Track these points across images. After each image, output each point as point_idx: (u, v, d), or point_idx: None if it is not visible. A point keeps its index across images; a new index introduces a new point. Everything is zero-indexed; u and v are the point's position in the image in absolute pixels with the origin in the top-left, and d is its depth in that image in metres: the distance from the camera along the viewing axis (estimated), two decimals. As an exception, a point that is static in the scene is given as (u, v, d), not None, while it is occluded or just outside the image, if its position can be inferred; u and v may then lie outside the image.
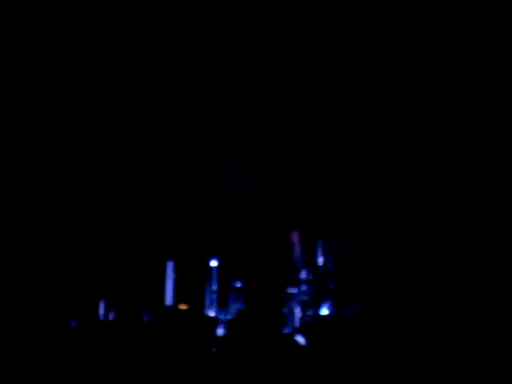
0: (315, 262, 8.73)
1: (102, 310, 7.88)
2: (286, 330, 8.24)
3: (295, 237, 8.94)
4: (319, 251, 8.71)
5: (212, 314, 8.60)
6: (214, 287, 8.84)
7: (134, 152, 8.64)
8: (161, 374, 3.84)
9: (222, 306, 8.89)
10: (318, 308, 8.47)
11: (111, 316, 7.76)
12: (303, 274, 8.60)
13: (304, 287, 8.56)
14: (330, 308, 8.45)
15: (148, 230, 8.92)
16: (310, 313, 8.45)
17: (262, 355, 4.01)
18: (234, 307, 8.87)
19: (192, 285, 9.24)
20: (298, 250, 8.90)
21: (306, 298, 8.54)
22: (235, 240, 9.10)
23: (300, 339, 7.91)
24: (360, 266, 8.61)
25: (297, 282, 8.62)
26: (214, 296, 8.83)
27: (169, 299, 8.97)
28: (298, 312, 8.44)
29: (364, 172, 8.98)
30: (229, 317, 8.66)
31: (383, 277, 8.39)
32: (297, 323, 8.37)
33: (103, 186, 8.39)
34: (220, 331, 7.73)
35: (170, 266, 9.05)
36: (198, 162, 9.26)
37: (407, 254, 8.36)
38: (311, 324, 8.26)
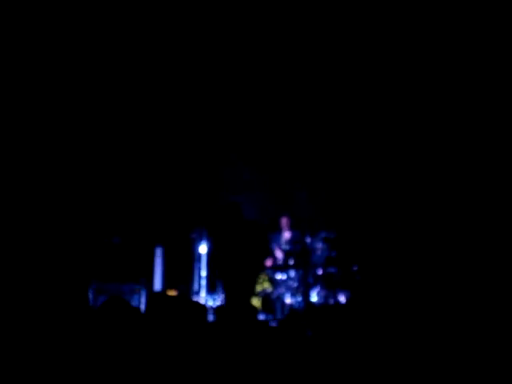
0: (305, 247, 8.71)
1: (91, 295, 7.83)
2: (276, 317, 8.23)
3: (285, 222, 8.91)
4: (309, 237, 8.68)
5: (201, 300, 8.58)
6: (204, 273, 8.81)
7: (120, 141, 8.58)
8: (152, 360, 3.80)
9: (211, 292, 8.88)
10: (307, 294, 8.45)
11: (101, 300, 7.71)
12: (291, 261, 8.57)
13: (293, 273, 8.54)
14: (319, 294, 8.43)
15: (137, 215, 8.87)
16: (299, 299, 8.43)
17: (252, 342, 3.98)
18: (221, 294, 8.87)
19: (181, 271, 9.20)
20: (287, 235, 8.87)
21: (295, 284, 8.52)
22: (224, 226, 9.07)
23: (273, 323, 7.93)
24: (351, 252, 8.60)
25: (286, 268, 8.60)
26: (204, 282, 8.81)
27: (157, 285, 8.94)
28: (287, 298, 8.43)
29: (355, 158, 8.97)
30: (217, 303, 8.64)
31: (374, 262, 8.39)
32: (286, 309, 8.35)
33: (91, 172, 8.33)
34: (209, 317, 7.71)
35: (158, 251, 9.01)
36: (188, 151, 9.22)
37: (399, 241, 8.36)
38: (301, 310, 8.25)
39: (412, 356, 4.04)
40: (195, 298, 8.62)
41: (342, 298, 8.34)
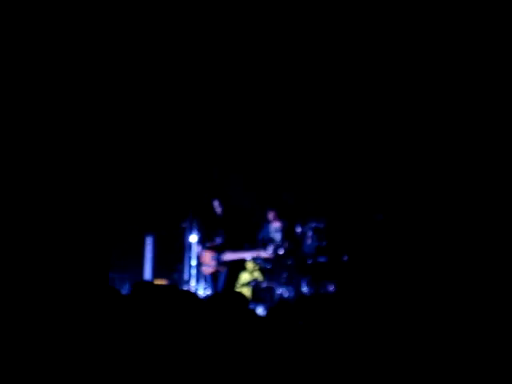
0: (295, 237, 8.71)
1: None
2: (266, 306, 8.23)
3: (272, 215, 8.91)
4: (299, 226, 8.69)
5: (191, 289, 8.58)
6: (194, 263, 8.82)
7: (111, 133, 8.56)
8: (143, 350, 3.79)
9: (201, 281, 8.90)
10: (297, 284, 8.46)
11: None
12: (281, 251, 8.57)
13: (283, 263, 8.55)
14: (309, 284, 8.45)
15: (127, 204, 8.85)
16: (289, 289, 8.44)
17: (245, 331, 3.97)
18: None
19: (171, 260, 9.20)
20: (277, 225, 8.86)
21: (285, 273, 8.53)
22: (214, 216, 9.08)
23: (260, 311, 7.95)
24: (341, 241, 8.61)
25: (276, 258, 8.61)
26: (194, 271, 8.81)
27: (147, 274, 8.94)
28: (277, 288, 8.44)
29: (344, 148, 8.98)
30: (208, 293, 8.65)
31: (364, 253, 8.41)
32: (276, 299, 8.36)
33: (83, 162, 8.30)
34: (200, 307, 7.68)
35: (149, 240, 9.01)
36: (179, 141, 9.21)
37: (388, 230, 8.38)
38: (291, 300, 8.26)
39: (405, 346, 4.04)
40: (185, 287, 8.62)
41: (332, 288, 8.36)
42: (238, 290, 8.47)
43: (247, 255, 8.69)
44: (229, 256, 8.74)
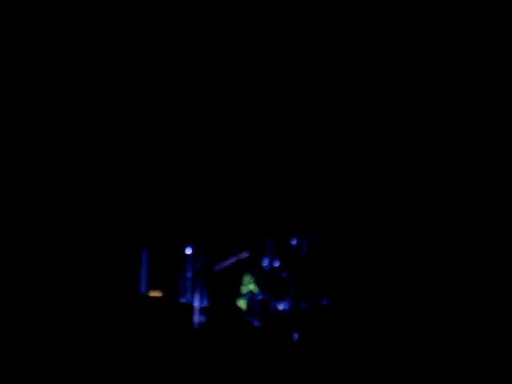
0: (289, 251, 8.75)
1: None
2: (261, 319, 8.26)
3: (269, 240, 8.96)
4: (294, 240, 8.72)
5: (186, 301, 8.60)
6: (189, 275, 8.83)
7: (107, 141, 8.58)
8: (138, 361, 3.81)
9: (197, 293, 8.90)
10: (293, 297, 8.48)
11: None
12: (276, 263, 8.61)
13: (279, 276, 8.58)
14: (303, 297, 8.47)
15: (122, 218, 8.87)
16: (285, 302, 8.47)
17: (241, 344, 4.01)
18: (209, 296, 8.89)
19: (166, 272, 9.21)
20: (272, 239, 8.89)
21: (280, 286, 8.56)
22: (209, 229, 9.10)
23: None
24: (335, 255, 8.64)
25: (272, 271, 8.64)
26: (189, 283, 8.82)
27: (143, 287, 8.94)
28: (273, 301, 8.46)
29: (338, 159, 9.00)
30: (204, 305, 8.66)
31: (358, 266, 8.43)
32: (271, 312, 8.38)
33: (78, 176, 8.32)
34: (197, 319, 7.72)
35: (144, 253, 9.01)
36: (173, 153, 9.22)
37: (384, 242, 8.41)
38: (287, 313, 8.29)
39: (400, 359, 4.08)
40: (181, 299, 8.64)
41: (327, 301, 8.39)
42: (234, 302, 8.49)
43: (230, 260, 8.74)
44: (218, 267, 8.79)
